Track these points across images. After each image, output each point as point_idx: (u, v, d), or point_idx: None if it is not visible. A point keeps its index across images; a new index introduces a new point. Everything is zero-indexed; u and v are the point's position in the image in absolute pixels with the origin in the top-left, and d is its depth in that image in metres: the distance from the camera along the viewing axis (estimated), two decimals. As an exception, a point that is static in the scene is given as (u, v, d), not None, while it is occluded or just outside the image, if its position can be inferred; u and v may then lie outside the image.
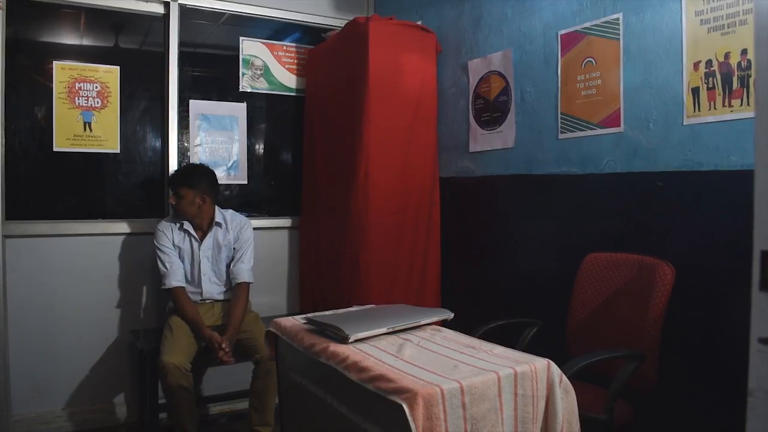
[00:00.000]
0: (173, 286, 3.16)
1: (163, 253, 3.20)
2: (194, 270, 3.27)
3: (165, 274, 3.17)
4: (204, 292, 3.28)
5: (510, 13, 3.17)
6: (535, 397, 1.69)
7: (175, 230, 3.26)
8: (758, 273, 0.88)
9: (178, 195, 3.19)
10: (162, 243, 3.21)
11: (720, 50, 2.25)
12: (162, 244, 3.21)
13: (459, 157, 3.54)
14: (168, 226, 3.27)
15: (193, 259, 3.27)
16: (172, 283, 3.16)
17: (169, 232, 3.25)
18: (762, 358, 0.87)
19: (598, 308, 2.53)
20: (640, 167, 2.54)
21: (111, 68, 3.46)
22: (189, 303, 3.16)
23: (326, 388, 1.89)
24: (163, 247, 3.21)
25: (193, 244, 3.26)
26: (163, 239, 3.22)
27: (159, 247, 3.21)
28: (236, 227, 3.35)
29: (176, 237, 3.25)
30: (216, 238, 3.30)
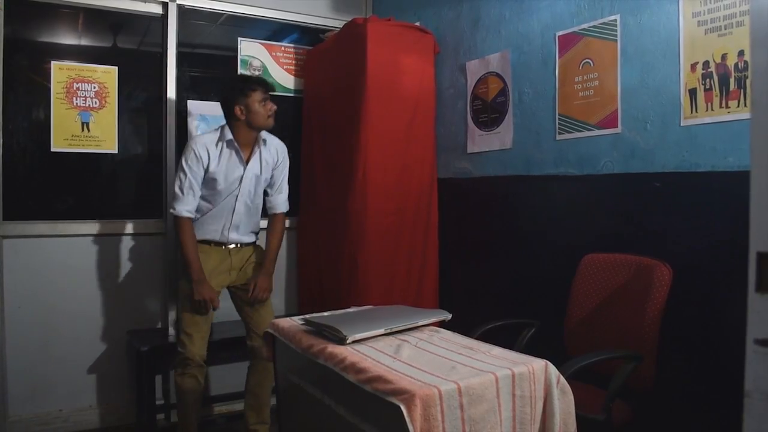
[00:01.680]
0: (183, 215, 2.90)
1: (186, 176, 2.90)
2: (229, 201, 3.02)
3: (179, 198, 2.90)
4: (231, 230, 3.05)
5: (508, 14, 3.18)
6: (533, 398, 1.69)
7: (220, 146, 2.96)
8: (754, 275, 0.89)
9: (270, 100, 2.99)
10: (191, 163, 2.90)
11: (717, 51, 2.26)
12: (190, 165, 2.90)
13: (457, 158, 3.54)
14: (210, 140, 2.97)
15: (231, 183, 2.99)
16: (183, 212, 2.90)
17: (210, 149, 2.94)
18: (758, 360, 0.88)
19: (596, 309, 2.53)
20: (637, 168, 2.54)
21: (109, 68, 3.46)
22: (193, 239, 2.93)
23: (324, 389, 1.89)
24: (190, 169, 2.90)
25: (238, 165, 3.00)
26: (194, 159, 2.91)
27: (185, 167, 2.90)
28: (277, 145, 3.15)
29: (223, 155, 2.96)
30: (261, 158, 3.07)
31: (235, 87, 2.98)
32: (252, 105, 2.93)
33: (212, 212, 3.01)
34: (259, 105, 2.95)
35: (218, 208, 3.01)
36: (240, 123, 2.96)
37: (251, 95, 2.94)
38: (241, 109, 2.93)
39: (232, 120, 2.97)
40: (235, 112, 2.93)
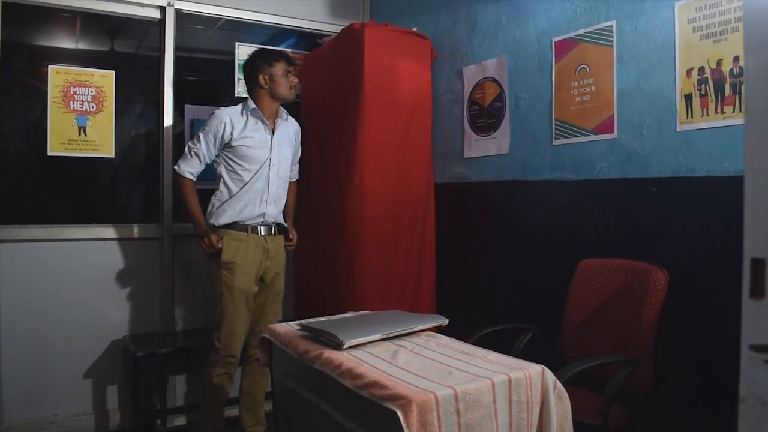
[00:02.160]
0: (184, 175, 3.01)
1: (200, 140, 3.00)
2: (263, 171, 3.06)
3: (185, 158, 3.02)
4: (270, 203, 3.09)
5: (504, 19, 3.19)
6: (530, 403, 1.69)
7: (245, 115, 3.05)
8: (748, 280, 0.89)
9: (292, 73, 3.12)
10: (209, 128, 2.98)
11: (712, 57, 2.27)
12: (207, 131, 2.99)
13: (454, 163, 3.54)
14: (233, 111, 3.05)
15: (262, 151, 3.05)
16: (185, 172, 3.01)
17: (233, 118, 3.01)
18: (752, 365, 0.88)
19: (593, 314, 2.53)
20: (633, 173, 2.55)
21: (106, 73, 3.46)
22: (194, 194, 3.04)
23: (320, 394, 1.88)
24: (206, 135, 2.99)
25: (265, 134, 3.08)
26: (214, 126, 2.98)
27: (202, 132, 3.00)
28: (294, 122, 3.30)
29: (249, 123, 3.03)
30: (285, 130, 3.19)
31: (260, 56, 3.11)
32: (275, 75, 3.06)
33: (249, 185, 3.04)
34: (282, 76, 3.08)
35: (254, 179, 3.05)
36: (263, 93, 3.08)
37: (276, 65, 3.07)
38: (264, 78, 3.05)
39: (255, 90, 3.09)
40: (259, 80, 3.05)
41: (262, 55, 3.12)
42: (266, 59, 3.08)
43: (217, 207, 3.03)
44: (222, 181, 3.05)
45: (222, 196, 3.04)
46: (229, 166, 3.05)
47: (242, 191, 3.03)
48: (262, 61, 3.08)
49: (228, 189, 3.03)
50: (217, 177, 3.07)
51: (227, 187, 3.03)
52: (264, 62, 3.07)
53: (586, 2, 2.75)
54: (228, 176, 3.04)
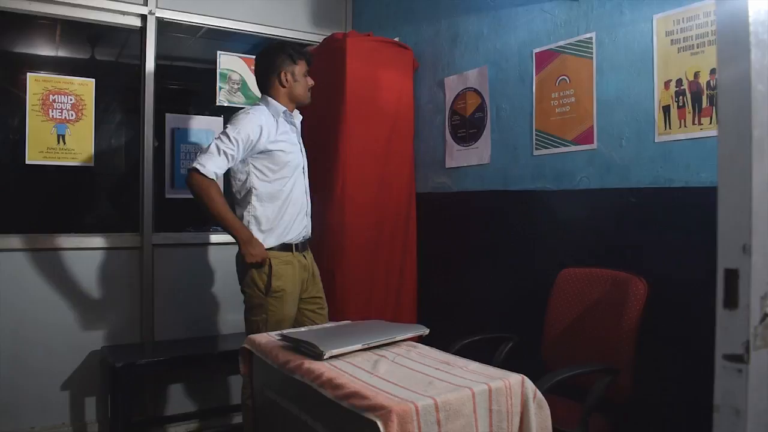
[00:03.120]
0: (210, 175, 2.53)
1: (230, 138, 2.57)
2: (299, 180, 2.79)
3: (212, 156, 2.55)
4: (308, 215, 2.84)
5: (486, 31, 3.21)
6: (510, 413, 1.69)
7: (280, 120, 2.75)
8: (722, 291, 0.90)
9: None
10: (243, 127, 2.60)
11: (690, 69, 2.30)
12: (240, 130, 2.59)
13: (435, 173, 3.56)
14: (263, 112, 2.71)
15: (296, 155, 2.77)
16: (211, 172, 2.53)
17: (267, 119, 2.69)
18: (726, 374, 0.89)
19: (573, 323, 2.54)
20: (613, 184, 2.57)
21: (86, 81, 3.43)
22: (222, 196, 2.60)
23: (301, 405, 1.88)
24: (239, 134, 2.58)
25: (294, 137, 2.81)
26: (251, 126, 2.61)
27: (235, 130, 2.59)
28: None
29: (280, 125, 2.73)
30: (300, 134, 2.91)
31: (283, 50, 2.82)
32: (298, 74, 2.81)
33: (291, 196, 2.75)
34: (303, 76, 2.84)
35: (295, 189, 2.77)
36: (282, 92, 2.80)
37: (300, 63, 2.82)
38: (287, 76, 2.78)
39: (272, 88, 2.80)
40: (281, 77, 2.78)
41: (285, 50, 2.81)
42: (291, 55, 2.79)
43: (256, 226, 2.69)
44: (254, 194, 2.68)
45: (260, 212, 2.69)
46: (264, 176, 2.70)
47: (286, 205, 2.73)
48: (287, 57, 2.78)
49: (267, 203, 2.70)
50: (244, 191, 2.72)
51: (266, 201, 2.70)
52: (288, 58, 2.78)
53: (566, 14, 2.78)
54: (263, 187, 2.69)
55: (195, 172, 2.54)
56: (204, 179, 2.53)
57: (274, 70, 2.78)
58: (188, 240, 3.69)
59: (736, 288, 0.89)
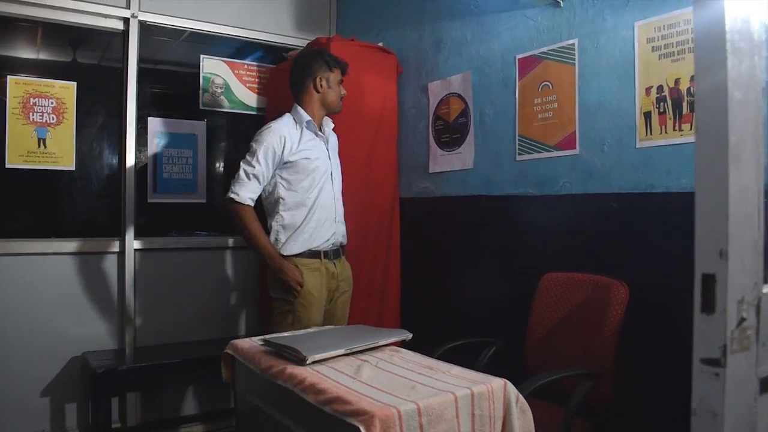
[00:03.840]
0: (246, 202, 2.65)
1: (258, 160, 2.66)
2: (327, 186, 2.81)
3: (242, 182, 2.66)
4: (338, 222, 2.85)
5: (469, 36, 3.23)
6: (492, 417, 1.70)
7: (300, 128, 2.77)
8: (699, 295, 0.91)
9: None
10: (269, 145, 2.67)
11: (670, 76, 2.33)
12: (267, 148, 2.67)
13: (419, 178, 3.56)
14: (288, 122, 2.77)
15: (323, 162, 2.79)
16: (246, 198, 2.64)
17: (290, 130, 2.72)
18: (703, 378, 0.90)
19: (556, 327, 2.56)
20: (595, 189, 2.59)
21: (67, 84, 3.40)
22: (258, 223, 2.68)
23: (283, 410, 1.87)
24: (266, 154, 2.67)
25: (321, 145, 2.83)
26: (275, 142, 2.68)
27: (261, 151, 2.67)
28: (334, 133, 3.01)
29: (304, 135, 2.76)
30: (333, 140, 2.95)
31: (320, 57, 2.87)
32: (333, 81, 2.87)
33: (317, 203, 2.78)
34: (338, 84, 2.89)
35: (321, 196, 2.80)
36: (314, 99, 2.85)
37: (335, 71, 2.87)
38: (321, 82, 2.83)
39: (305, 93, 2.86)
40: (316, 83, 2.83)
41: (322, 56, 2.87)
42: (328, 62, 2.85)
43: (285, 234, 2.75)
44: (281, 204, 2.75)
45: (288, 221, 2.75)
46: (290, 185, 2.75)
47: (312, 212, 2.76)
48: (323, 63, 2.84)
49: (294, 211, 2.75)
50: (273, 201, 2.79)
51: (293, 209, 2.75)
52: (325, 64, 2.84)
53: (549, 21, 2.80)
54: (289, 196, 2.75)
55: (230, 202, 2.67)
56: (239, 206, 2.65)
57: (310, 74, 2.84)
58: (171, 245, 3.67)
59: (713, 293, 0.90)
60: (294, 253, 2.73)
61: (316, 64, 2.85)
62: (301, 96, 2.87)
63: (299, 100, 2.88)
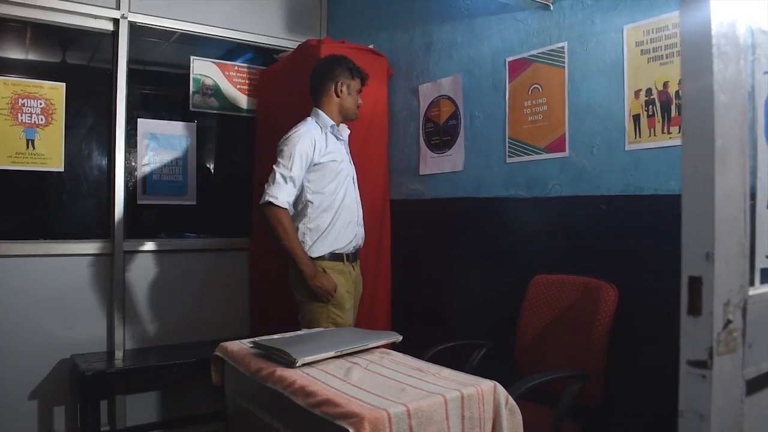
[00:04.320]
0: (283, 206, 2.63)
1: (293, 163, 2.65)
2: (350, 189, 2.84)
3: (279, 185, 2.64)
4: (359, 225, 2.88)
5: (460, 39, 3.23)
6: (482, 419, 1.70)
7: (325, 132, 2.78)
8: (686, 298, 0.92)
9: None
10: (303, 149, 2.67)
11: (659, 79, 2.34)
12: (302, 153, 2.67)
13: (409, 180, 3.57)
14: (314, 127, 2.77)
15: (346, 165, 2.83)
16: (284, 202, 2.63)
17: (317, 135, 2.74)
18: (690, 380, 0.91)
19: (546, 329, 2.56)
20: (584, 191, 2.60)
21: (56, 85, 3.38)
22: (294, 229, 2.68)
23: (273, 413, 1.86)
24: (301, 158, 2.66)
25: (342, 149, 2.85)
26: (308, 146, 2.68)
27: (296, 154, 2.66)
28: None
29: (329, 139, 2.78)
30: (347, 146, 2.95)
31: (343, 63, 2.89)
32: (353, 88, 2.90)
33: (342, 206, 2.81)
34: (357, 92, 2.93)
35: (345, 199, 2.83)
36: (333, 103, 2.87)
37: (357, 79, 2.91)
38: (342, 87, 2.86)
39: (325, 97, 2.87)
40: (337, 87, 2.85)
41: (346, 63, 2.89)
42: (351, 69, 2.88)
43: (311, 237, 2.75)
44: (309, 207, 2.75)
45: (316, 223, 2.76)
46: (317, 188, 2.76)
47: (338, 214, 2.79)
48: (346, 69, 2.87)
49: (321, 214, 2.76)
50: (300, 204, 2.78)
51: (320, 212, 2.76)
52: (348, 71, 2.87)
53: (539, 24, 2.81)
54: (317, 199, 2.76)
55: (269, 205, 2.62)
56: (279, 210, 2.63)
57: (332, 78, 2.86)
58: (160, 247, 3.65)
59: (700, 295, 0.91)
60: (319, 254, 2.75)
61: (339, 69, 2.87)
62: (321, 98, 2.89)
63: (318, 102, 2.90)
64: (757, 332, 1.03)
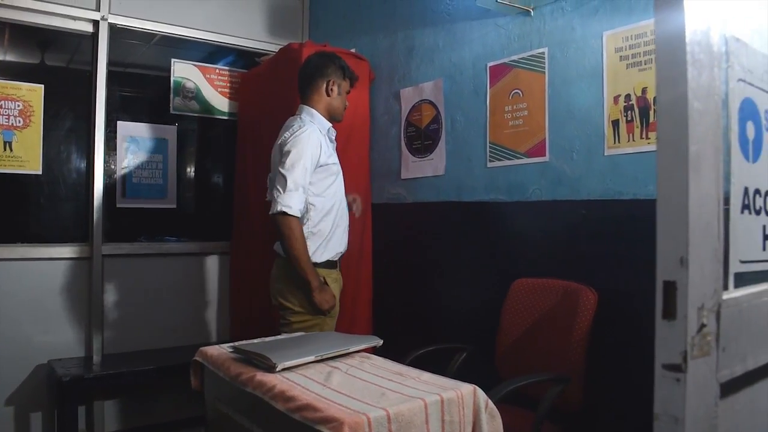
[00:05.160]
0: (297, 214, 2.52)
1: (304, 168, 2.54)
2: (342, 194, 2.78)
3: (291, 193, 2.51)
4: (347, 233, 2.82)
5: (441, 44, 3.25)
6: (462, 423, 1.70)
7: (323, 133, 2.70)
8: (661, 302, 0.93)
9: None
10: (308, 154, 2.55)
11: (638, 85, 2.37)
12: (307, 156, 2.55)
13: (391, 184, 3.57)
14: (315, 129, 2.66)
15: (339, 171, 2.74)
16: (297, 210, 2.52)
17: (320, 135, 2.65)
18: (665, 383, 0.92)
19: (526, 332, 2.58)
20: (564, 195, 2.62)
21: (35, 86, 3.35)
22: (305, 240, 2.57)
23: (253, 418, 1.86)
24: (311, 162, 2.57)
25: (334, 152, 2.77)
26: (317, 149, 2.59)
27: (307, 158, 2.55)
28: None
29: (326, 146, 2.69)
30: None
31: (335, 61, 2.81)
32: (342, 89, 2.83)
33: (341, 211, 2.77)
34: (345, 94, 2.86)
35: (341, 204, 2.78)
36: (322, 103, 2.78)
37: (347, 80, 2.84)
38: (333, 86, 2.77)
39: (314, 95, 2.78)
40: (327, 85, 2.77)
41: (339, 62, 2.81)
42: (343, 69, 2.80)
43: (314, 241, 2.65)
44: (312, 210, 2.65)
45: (319, 227, 2.67)
46: (319, 191, 2.67)
47: (337, 218, 2.74)
48: (339, 69, 2.79)
49: (324, 217, 2.69)
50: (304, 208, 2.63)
51: (323, 216, 2.68)
52: (340, 70, 2.79)
53: (519, 29, 2.83)
54: (319, 202, 2.67)
55: (283, 215, 2.51)
56: (292, 219, 2.52)
57: (324, 75, 2.78)
58: (140, 251, 3.63)
59: (674, 299, 0.92)
60: (321, 261, 2.68)
61: (332, 67, 2.79)
62: (311, 95, 2.79)
63: (307, 99, 2.79)
64: (731, 336, 1.05)
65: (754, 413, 1.21)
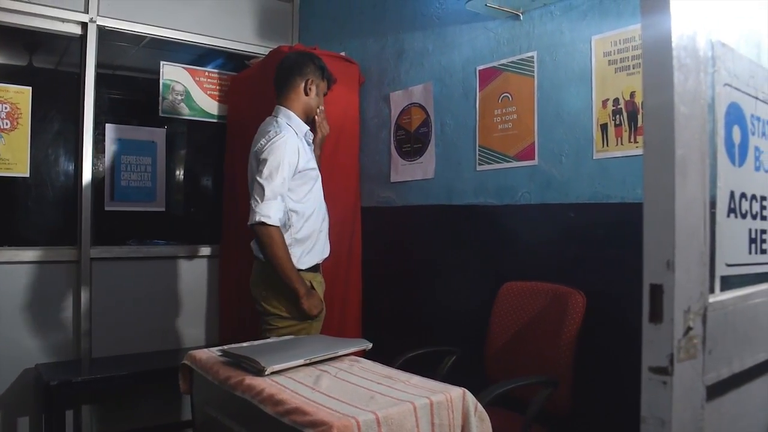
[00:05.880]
0: (276, 224, 2.47)
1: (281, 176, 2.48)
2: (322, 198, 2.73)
3: (269, 202, 2.45)
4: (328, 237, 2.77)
5: (431, 47, 3.25)
6: (452, 426, 1.71)
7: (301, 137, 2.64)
8: (647, 305, 0.94)
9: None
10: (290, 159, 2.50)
11: (626, 89, 2.38)
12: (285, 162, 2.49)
13: (380, 187, 3.57)
14: (292, 132, 2.59)
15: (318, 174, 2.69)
16: (277, 220, 2.47)
17: (298, 140, 2.58)
18: (651, 386, 0.92)
19: (515, 336, 2.58)
20: (553, 199, 2.63)
21: (22, 89, 3.32)
22: (287, 248, 2.52)
23: (242, 422, 1.85)
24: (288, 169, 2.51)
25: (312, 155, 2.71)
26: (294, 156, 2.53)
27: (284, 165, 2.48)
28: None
29: (303, 151, 2.61)
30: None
31: (314, 61, 2.76)
32: (320, 90, 2.77)
33: (323, 215, 2.75)
34: (322, 95, 2.81)
35: (321, 208, 2.75)
36: (299, 103, 2.71)
37: (325, 81, 2.79)
38: (311, 85, 2.72)
39: (290, 95, 2.72)
40: (305, 84, 2.71)
41: (318, 61, 2.76)
42: (322, 69, 2.75)
43: (299, 248, 2.63)
44: (294, 216, 2.61)
45: (302, 233, 2.64)
46: (298, 197, 2.63)
47: (319, 221, 2.73)
48: (317, 69, 2.74)
49: (306, 223, 2.65)
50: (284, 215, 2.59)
51: (305, 221, 2.65)
52: (318, 70, 2.74)
53: (509, 33, 2.84)
54: (301, 208, 2.64)
55: (262, 225, 2.46)
56: (271, 229, 2.47)
57: (303, 75, 2.72)
58: (128, 254, 3.61)
59: (661, 303, 0.92)
60: (308, 266, 2.66)
61: (311, 66, 2.74)
62: (288, 94, 2.73)
63: (284, 98, 2.74)
64: (717, 339, 1.05)
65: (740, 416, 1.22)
